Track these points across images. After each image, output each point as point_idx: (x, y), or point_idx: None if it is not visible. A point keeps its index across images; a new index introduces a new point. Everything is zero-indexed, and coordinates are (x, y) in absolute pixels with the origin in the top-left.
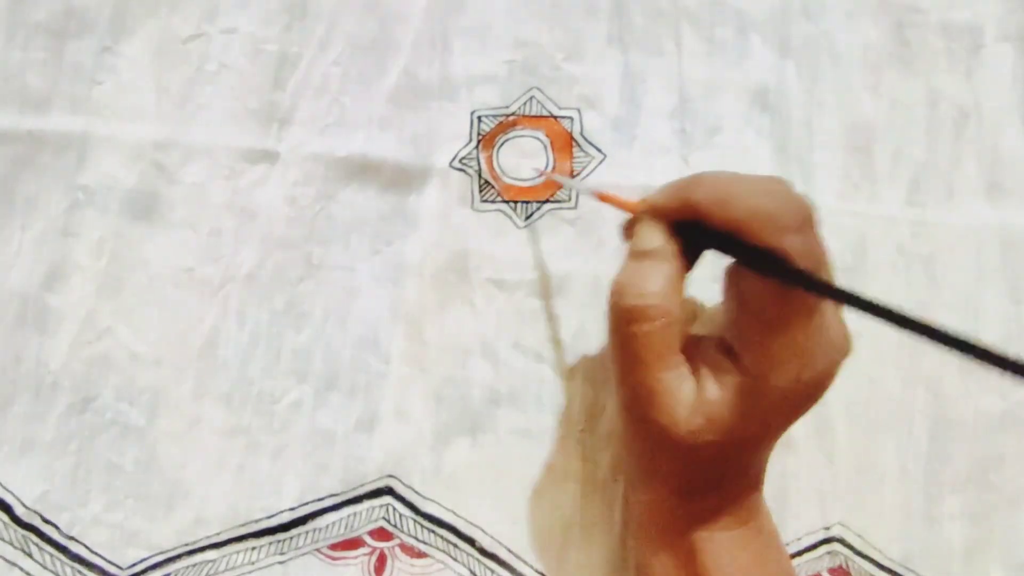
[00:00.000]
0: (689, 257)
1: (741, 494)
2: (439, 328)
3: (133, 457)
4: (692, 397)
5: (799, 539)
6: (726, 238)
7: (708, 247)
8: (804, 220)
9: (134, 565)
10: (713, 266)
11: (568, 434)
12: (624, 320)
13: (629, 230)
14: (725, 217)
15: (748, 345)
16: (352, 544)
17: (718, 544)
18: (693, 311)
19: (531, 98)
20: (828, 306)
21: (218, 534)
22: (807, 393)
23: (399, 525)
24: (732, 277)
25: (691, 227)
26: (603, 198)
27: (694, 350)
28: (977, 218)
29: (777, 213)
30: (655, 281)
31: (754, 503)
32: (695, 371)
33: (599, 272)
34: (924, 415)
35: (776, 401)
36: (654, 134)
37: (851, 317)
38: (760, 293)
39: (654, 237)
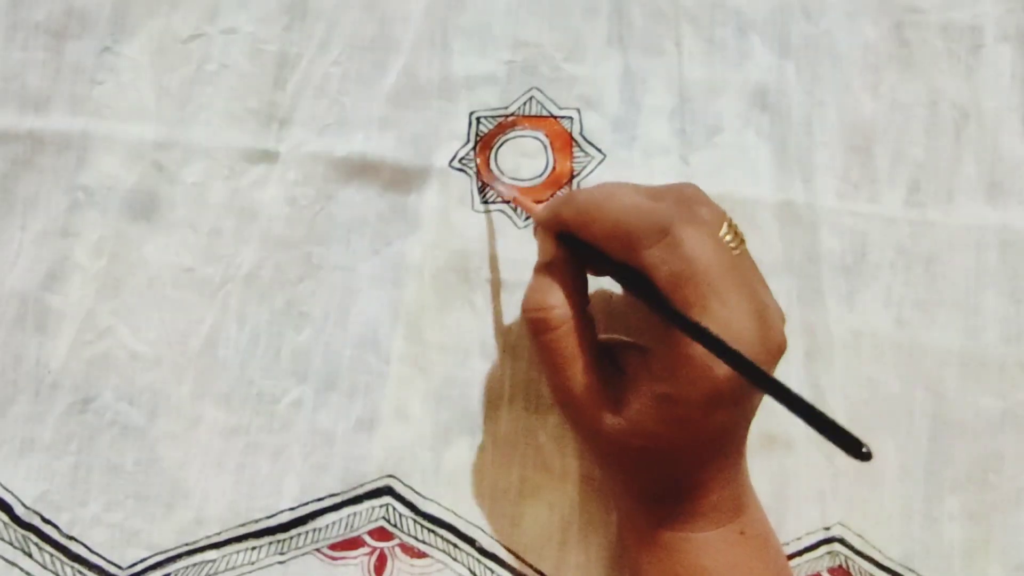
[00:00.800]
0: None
1: (714, 501)
2: (439, 328)
3: (133, 457)
4: (614, 400)
5: (799, 539)
6: (591, 253)
7: (583, 251)
8: (657, 233)
9: (134, 565)
10: None
11: (566, 435)
12: (533, 331)
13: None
14: (587, 233)
15: (654, 351)
16: (352, 544)
17: (695, 544)
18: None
19: (531, 98)
20: (741, 312)
21: (218, 534)
22: (722, 396)
23: (399, 525)
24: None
25: (574, 239)
26: (515, 201)
27: (618, 353)
28: (977, 218)
29: (628, 226)
30: (552, 292)
31: (732, 506)
32: (619, 370)
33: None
34: (924, 415)
35: (692, 409)
36: (654, 134)
37: (850, 319)
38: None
39: (545, 249)
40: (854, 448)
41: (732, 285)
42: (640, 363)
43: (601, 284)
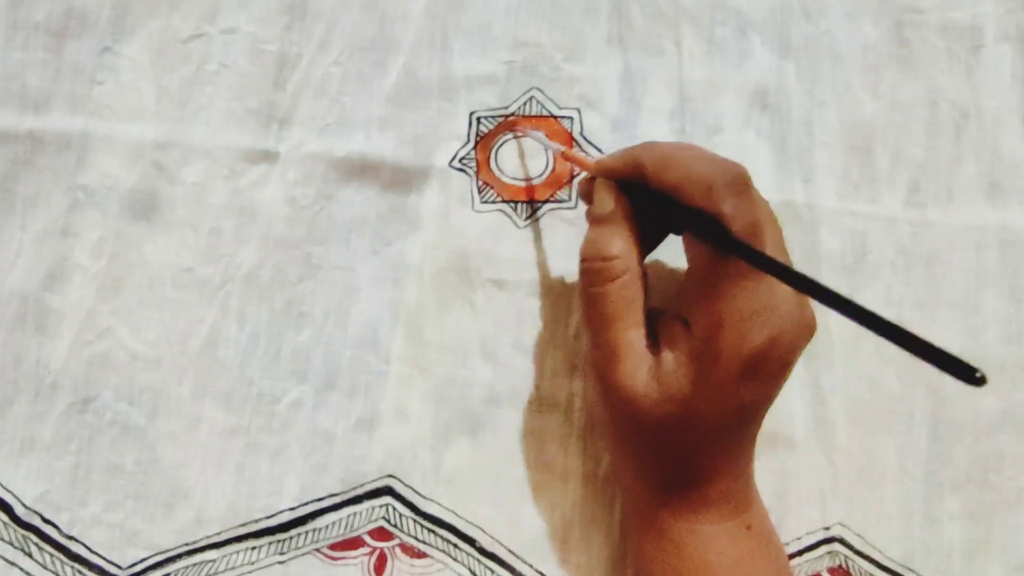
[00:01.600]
0: (650, 221)
1: (723, 490)
2: (439, 328)
3: (133, 457)
4: (651, 363)
5: (799, 539)
6: (664, 200)
7: (653, 210)
8: (739, 185)
9: (134, 565)
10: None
11: (568, 434)
12: (589, 281)
13: (584, 191)
14: (664, 179)
15: (695, 312)
16: (352, 544)
17: (702, 537)
18: (656, 275)
19: (531, 98)
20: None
21: (218, 534)
22: (757, 366)
23: (399, 525)
24: (685, 244)
25: (639, 190)
26: (566, 157)
27: (655, 321)
28: (977, 218)
29: (711, 177)
30: (613, 243)
31: (741, 499)
32: (656, 342)
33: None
34: (924, 415)
35: (726, 373)
36: (654, 134)
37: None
38: (701, 258)
39: (607, 200)
40: (967, 374)
41: (784, 253)
42: (679, 329)
43: None
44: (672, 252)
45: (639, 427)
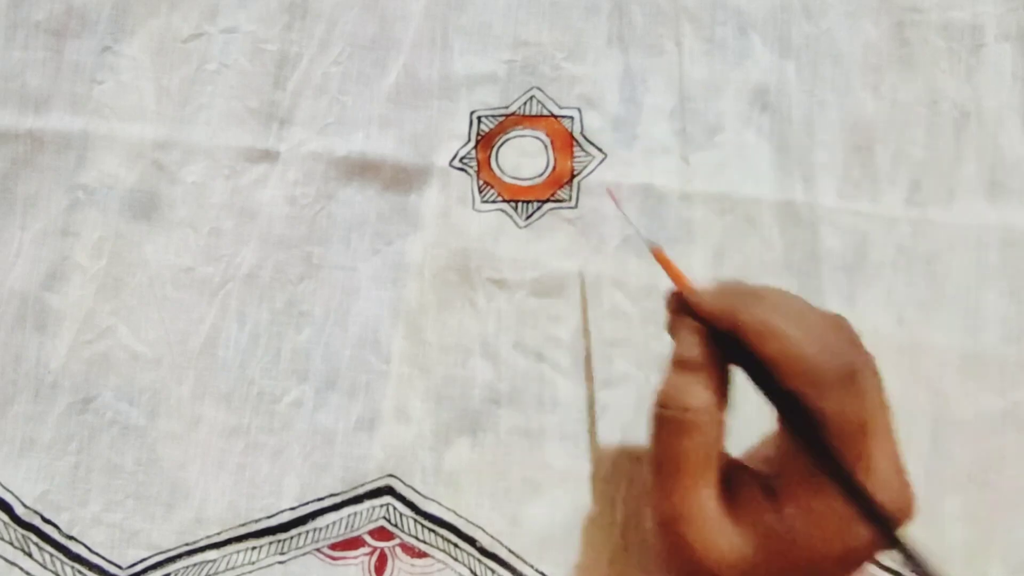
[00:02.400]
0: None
1: None
2: (439, 328)
3: (133, 457)
4: (727, 526)
5: None
6: (760, 373)
7: (741, 367)
8: (846, 378)
9: (134, 565)
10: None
11: (568, 434)
12: (667, 432)
13: (670, 324)
14: (763, 350)
15: (790, 495)
16: (352, 544)
17: None
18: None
19: (531, 98)
20: (892, 467)
21: (218, 534)
22: (852, 564)
23: (399, 525)
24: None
25: (731, 342)
26: (659, 259)
27: (738, 477)
28: (977, 218)
29: (823, 366)
30: (699, 391)
31: None
32: (733, 499)
33: (599, 271)
34: (924, 415)
35: (808, 562)
36: (654, 133)
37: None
38: (793, 447)
39: (693, 345)
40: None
41: (890, 438)
42: (758, 495)
43: None
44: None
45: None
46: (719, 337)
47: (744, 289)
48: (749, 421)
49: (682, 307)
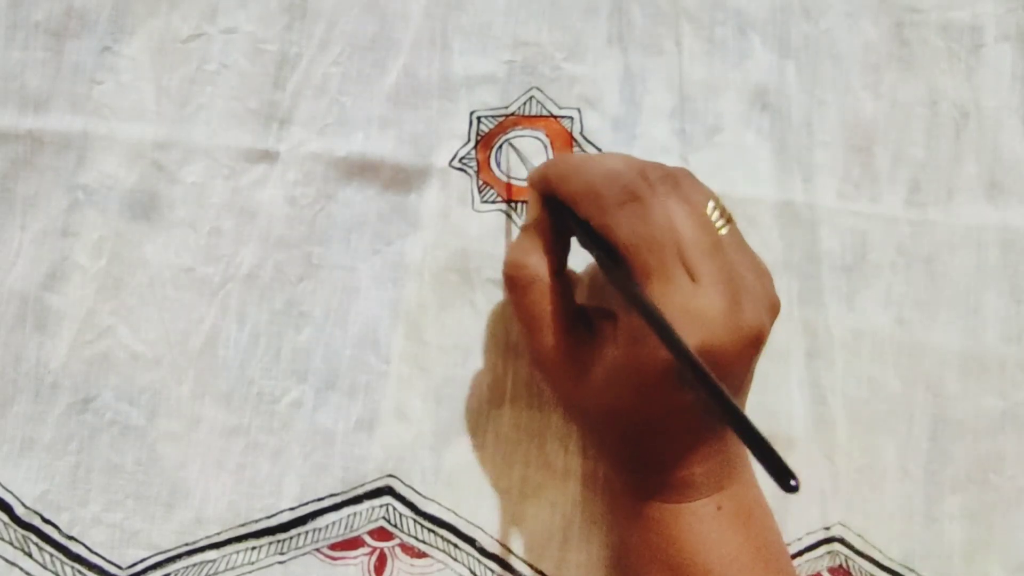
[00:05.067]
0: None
1: (685, 475)
2: (439, 328)
3: (133, 457)
4: (583, 363)
5: (799, 539)
6: (566, 212)
7: (569, 224)
8: (627, 196)
9: (134, 565)
10: None
11: (568, 434)
12: (508, 288)
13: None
14: (564, 191)
15: (619, 317)
16: (352, 544)
17: (669, 514)
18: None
19: (531, 98)
20: (711, 288)
21: (218, 534)
22: (685, 378)
23: (399, 525)
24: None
25: (555, 202)
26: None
27: (594, 319)
28: (977, 218)
29: (603, 190)
30: (531, 251)
31: (708, 483)
32: (593, 341)
33: (599, 271)
34: (924, 415)
35: (651, 378)
36: (654, 134)
37: (850, 318)
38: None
39: (531, 210)
40: (783, 477)
41: (706, 260)
42: (609, 328)
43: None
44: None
45: (586, 418)
46: (551, 205)
47: (559, 157)
48: None
49: (531, 184)
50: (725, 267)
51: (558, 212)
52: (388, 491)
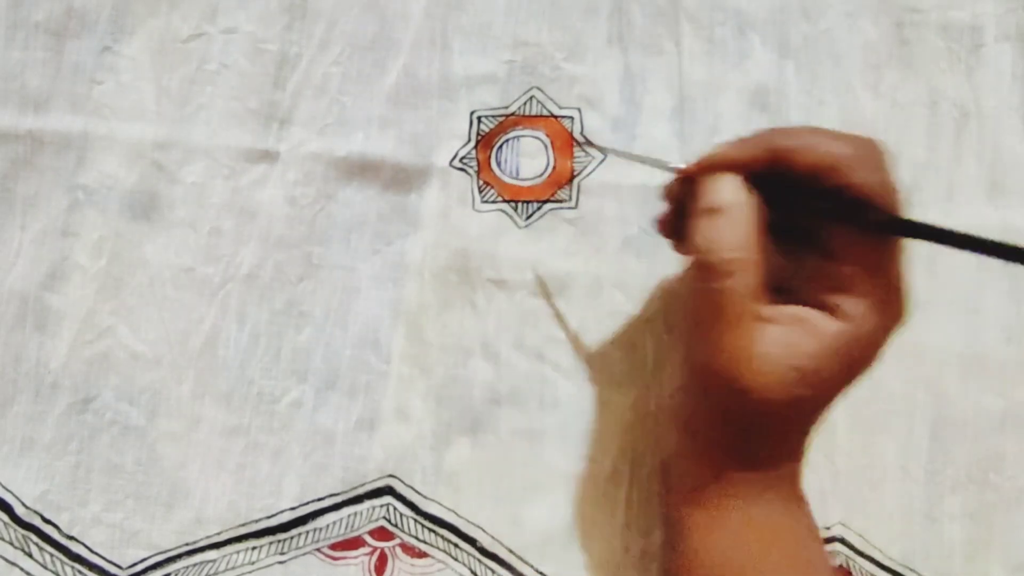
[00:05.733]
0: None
1: (786, 470)
2: (440, 328)
3: (133, 457)
4: (782, 351)
5: None
6: (812, 185)
7: (785, 199)
8: (881, 159)
9: (134, 565)
10: None
11: (568, 434)
12: (710, 276)
13: (678, 193)
14: (811, 162)
15: (848, 290)
16: (352, 544)
17: (760, 511)
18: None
19: (531, 98)
20: None
21: (218, 534)
22: (897, 319)
23: (400, 525)
24: (814, 227)
25: (768, 180)
26: (680, 172)
27: (772, 303)
28: (977, 218)
29: (857, 155)
30: (737, 234)
31: (799, 478)
32: (772, 325)
33: (599, 272)
34: (924, 415)
35: (866, 347)
36: (654, 134)
37: None
38: (854, 239)
39: (731, 190)
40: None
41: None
42: (804, 311)
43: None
44: None
45: (753, 415)
46: (755, 182)
47: (762, 132)
48: None
49: (704, 169)
50: None
51: (768, 191)
52: (388, 491)
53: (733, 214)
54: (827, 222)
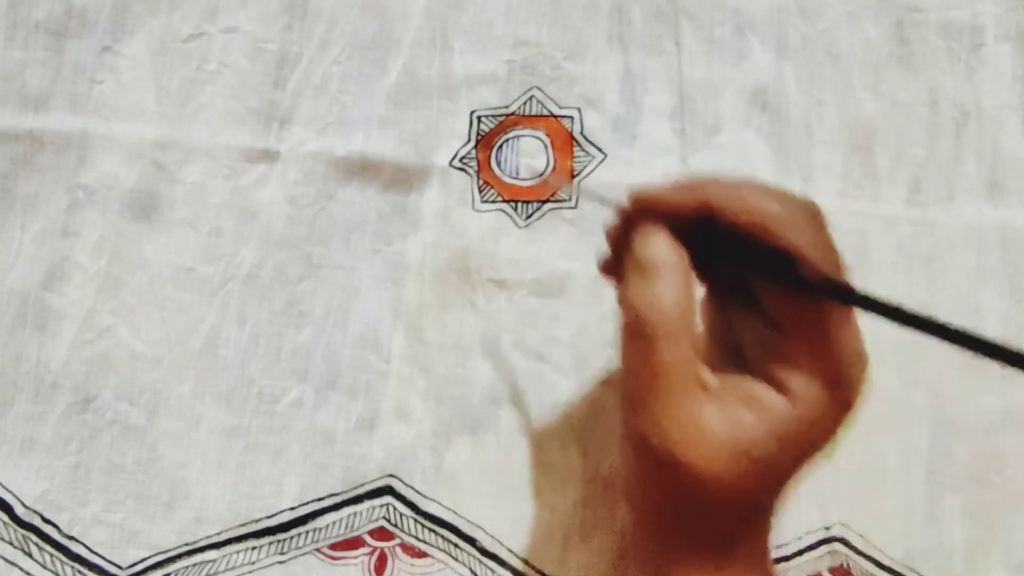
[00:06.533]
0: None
1: (750, 549)
2: (439, 328)
3: (133, 457)
4: (728, 432)
5: (800, 539)
6: (745, 243)
7: (717, 255)
8: (817, 221)
9: (134, 565)
10: None
11: (568, 434)
12: (637, 336)
13: (617, 236)
14: (742, 220)
15: (796, 365)
16: (352, 544)
17: None
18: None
19: (531, 98)
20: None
21: (218, 534)
22: (846, 407)
23: (399, 525)
24: (757, 292)
25: (701, 233)
26: (617, 209)
27: (721, 371)
28: (977, 218)
29: (791, 214)
30: (670, 294)
31: (762, 554)
32: (718, 402)
33: (599, 272)
34: (924, 415)
35: (819, 433)
36: (654, 134)
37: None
38: (794, 306)
39: (663, 246)
40: None
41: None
42: (750, 384)
43: None
44: None
45: (702, 500)
46: (686, 236)
47: (691, 179)
48: None
49: (639, 211)
50: None
51: (700, 246)
52: (388, 491)
53: (666, 274)
54: (759, 280)
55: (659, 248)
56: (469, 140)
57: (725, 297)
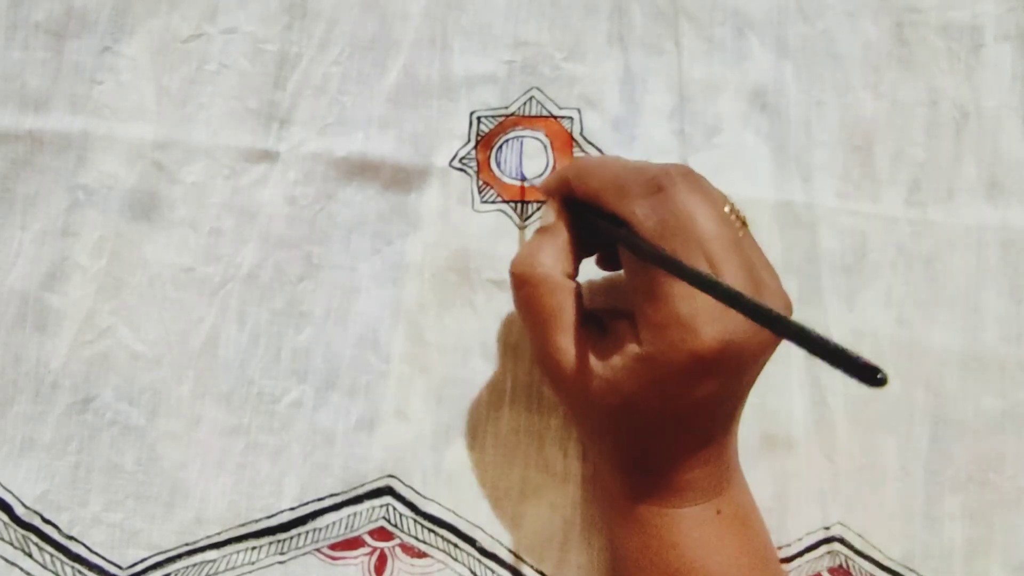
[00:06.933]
0: (589, 235)
1: (688, 478)
2: (439, 328)
3: (133, 457)
4: (596, 359)
5: (799, 539)
6: (586, 207)
7: (585, 220)
8: (651, 185)
9: (134, 565)
10: None
11: (567, 436)
12: (514, 285)
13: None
14: (586, 189)
15: (639, 313)
16: (352, 544)
17: (666, 519)
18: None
19: (531, 98)
20: (732, 281)
21: (218, 534)
22: (706, 366)
23: (399, 525)
24: (620, 249)
25: (573, 203)
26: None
27: (607, 321)
28: (977, 218)
29: (628, 182)
30: (542, 251)
31: (710, 486)
32: (606, 338)
33: (599, 272)
34: (924, 415)
35: (670, 372)
36: (654, 134)
37: (850, 318)
38: (634, 261)
39: (548, 213)
40: (868, 374)
41: (727, 254)
42: (626, 325)
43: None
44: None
45: (594, 417)
46: (570, 208)
47: (575, 160)
48: None
49: (545, 192)
50: (745, 263)
51: (577, 214)
52: (388, 491)
53: (545, 235)
54: (612, 242)
55: (545, 217)
56: (469, 140)
57: (609, 256)
